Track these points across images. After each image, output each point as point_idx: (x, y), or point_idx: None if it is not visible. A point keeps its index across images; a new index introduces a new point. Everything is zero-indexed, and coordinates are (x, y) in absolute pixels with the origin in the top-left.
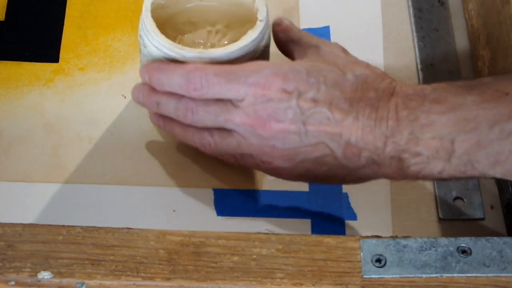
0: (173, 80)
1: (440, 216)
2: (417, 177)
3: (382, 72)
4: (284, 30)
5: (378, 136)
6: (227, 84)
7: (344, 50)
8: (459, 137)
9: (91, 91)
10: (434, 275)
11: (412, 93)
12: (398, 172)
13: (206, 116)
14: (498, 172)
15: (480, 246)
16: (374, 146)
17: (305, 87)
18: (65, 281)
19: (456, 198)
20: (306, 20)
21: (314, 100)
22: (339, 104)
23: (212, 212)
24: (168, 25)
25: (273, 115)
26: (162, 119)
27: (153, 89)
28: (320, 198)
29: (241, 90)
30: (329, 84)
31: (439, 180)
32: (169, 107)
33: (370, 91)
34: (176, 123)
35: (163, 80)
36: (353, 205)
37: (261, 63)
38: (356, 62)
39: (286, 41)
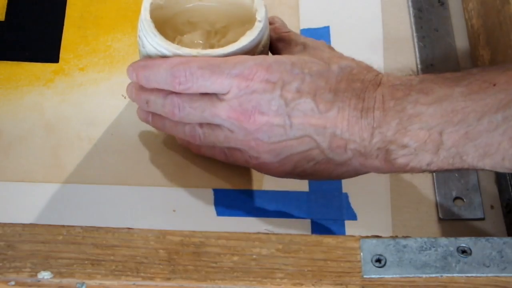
0: (158, 76)
1: (440, 216)
2: (404, 169)
3: (368, 65)
4: (275, 29)
5: (364, 127)
6: (211, 77)
7: (330, 47)
8: (447, 129)
9: (91, 91)
10: (434, 275)
11: (399, 84)
12: (386, 164)
13: (192, 112)
14: (487, 164)
15: (480, 246)
16: (360, 137)
17: (289, 78)
18: (65, 281)
19: (456, 198)
20: (306, 20)
21: (299, 91)
22: (323, 95)
23: (212, 212)
24: (168, 26)
25: (257, 107)
26: (150, 114)
27: (141, 87)
28: (320, 198)
29: (225, 82)
30: (313, 75)
31: (428, 172)
32: (157, 104)
33: (356, 82)
34: (167, 118)
35: (150, 77)
36: (353, 205)
37: (245, 56)
38: (341, 56)
39: (275, 39)
